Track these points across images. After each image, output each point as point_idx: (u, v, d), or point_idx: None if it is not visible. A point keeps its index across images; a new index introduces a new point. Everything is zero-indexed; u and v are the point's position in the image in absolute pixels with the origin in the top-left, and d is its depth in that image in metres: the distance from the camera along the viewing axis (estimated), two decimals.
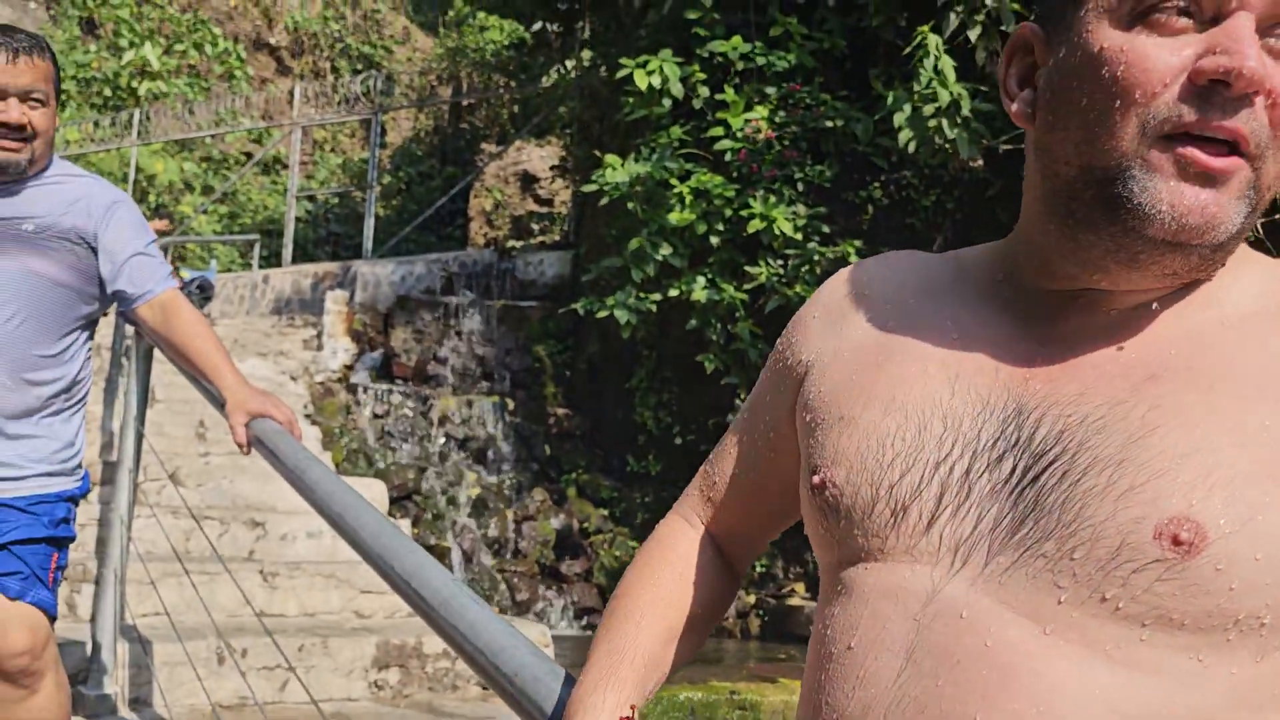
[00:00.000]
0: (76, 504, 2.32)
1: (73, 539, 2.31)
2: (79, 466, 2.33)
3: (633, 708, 0.85)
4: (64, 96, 17.05)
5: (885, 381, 0.79)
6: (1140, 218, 0.68)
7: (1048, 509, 0.68)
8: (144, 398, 3.30)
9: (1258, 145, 0.67)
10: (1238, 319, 0.71)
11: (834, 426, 0.80)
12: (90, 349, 2.39)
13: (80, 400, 2.34)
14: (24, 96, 2.10)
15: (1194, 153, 0.67)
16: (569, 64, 12.16)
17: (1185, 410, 0.67)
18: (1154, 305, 0.73)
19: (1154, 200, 0.67)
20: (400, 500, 8.36)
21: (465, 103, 16.75)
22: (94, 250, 2.27)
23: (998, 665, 0.66)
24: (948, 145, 7.04)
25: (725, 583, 1.01)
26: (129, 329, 4.84)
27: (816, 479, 0.80)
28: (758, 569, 8.15)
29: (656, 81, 7.90)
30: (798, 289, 7.62)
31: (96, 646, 3.32)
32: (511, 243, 13.77)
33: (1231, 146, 0.67)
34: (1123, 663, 0.65)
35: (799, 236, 7.65)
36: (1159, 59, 0.68)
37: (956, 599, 0.69)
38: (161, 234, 11.67)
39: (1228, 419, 0.66)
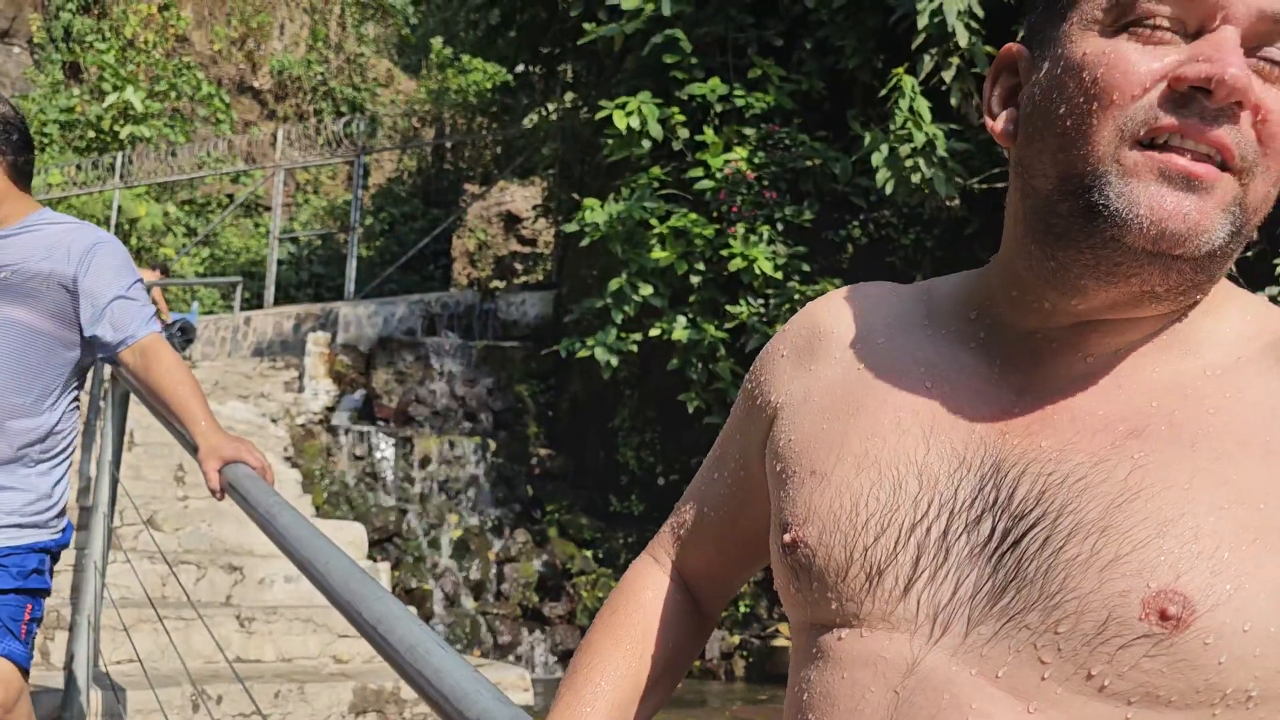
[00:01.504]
0: (54, 556, 2.28)
1: (47, 591, 2.26)
2: (57, 518, 2.29)
3: None
4: (46, 140, 17.07)
5: (857, 434, 0.76)
6: (1118, 225, 0.64)
7: (1030, 578, 0.65)
8: (120, 442, 3.29)
9: (1243, 160, 0.64)
10: (1220, 367, 0.68)
11: (805, 481, 0.77)
12: (75, 401, 2.36)
13: (61, 453, 2.31)
14: None
15: (1174, 156, 0.64)
16: (551, 106, 12.26)
17: (1168, 471, 0.64)
18: (1132, 351, 0.70)
19: (1131, 205, 0.64)
20: (381, 543, 8.30)
21: (448, 144, 16.85)
22: (74, 295, 2.25)
23: None
24: (924, 185, 7.12)
25: (694, 627, 0.98)
26: (106, 372, 4.82)
27: (788, 538, 0.76)
28: (741, 609, 8.11)
29: (635, 123, 7.98)
30: (778, 328, 7.64)
31: (69, 694, 3.27)
32: (495, 283, 13.80)
33: (1213, 159, 0.64)
34: None
35: (779, 275, 7.70)
36: (1139, 63, 0.65)
37: (937, 671, 0.66)
38: (152, 285, 11.64)
39: (1211, 479, 0.63)
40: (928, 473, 0.71)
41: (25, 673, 2.19)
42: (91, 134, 17.37)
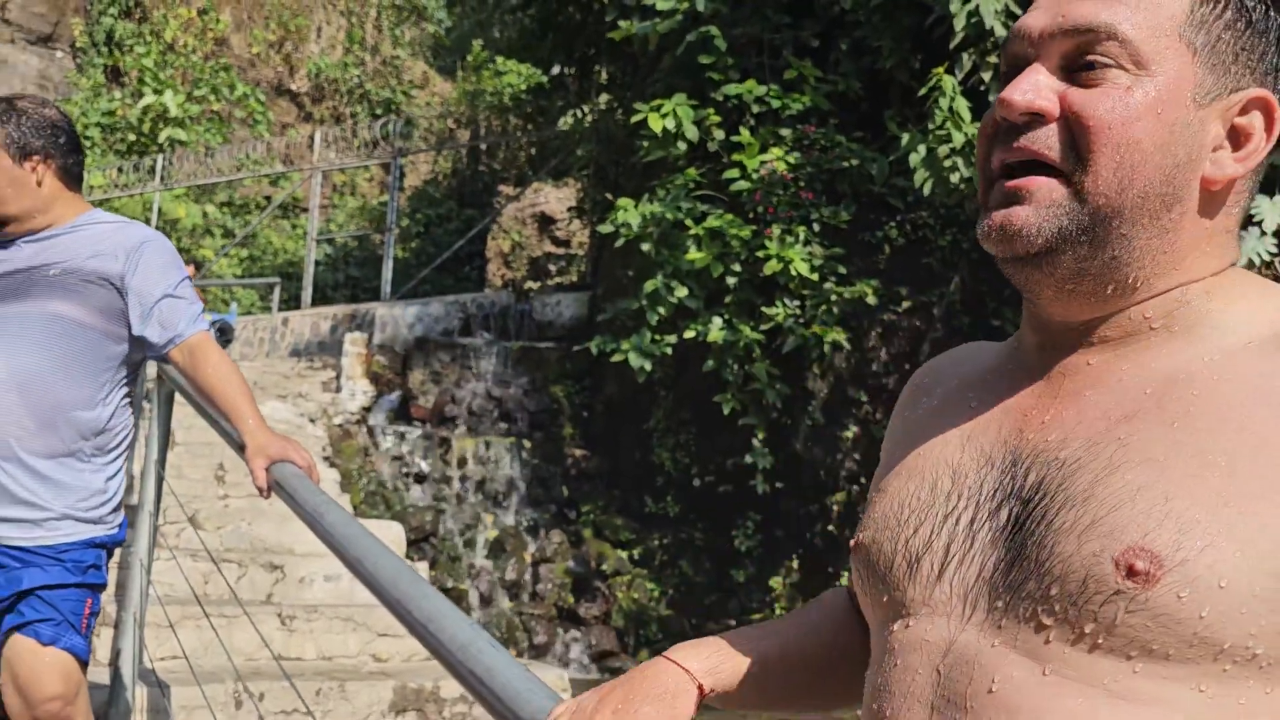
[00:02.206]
0: (109, 551, 2.31)
1: (104, 585, 2.30)
2: (113, 514, 2.32)
3: (701, 689, 0.94)
4: (88, 143, 17.32)
5: (913, 453, 0.86)
6: (985, 244, 0.78)
7: (1028, 552, 0.72)
8: (165, 441, 3.33)
9: (1063, 160, 0.74)
10: (1220, 353, 0.73)
11: (874, 499, 0.88)
12: (127, 396, 2.39)
13: (114, 449, 2.34)
14: None
15: (999, 184, 0.77)
16: (586, 107, 12.29)
17: (1147, 446, 0.70)
18: (1135, 347, 0.77)
19: (982, 226, 0.78)
20: (417, 542, 8.35)
21: (483, 146, 16.93)
22: (122, 293, 2.29)
23: (1005, 708, 0.70)
24: (963, 185, 7.07)
25: (849, 631, 1.02)
26: (150, 372, 4.86)
27: (853, 542, 0.87)
28: (778, 610, 8.08)
29: (670, 124, 7.97)
30: (815, 329, 7.62)
31: (115, 690, 3.31)
32: (529, 284, 13.84)
33: (1040, 167, 0.75)
34: (1122, 696, 0.66)
35: (815, 277, 7.67)
36: (987, 118, 0.79)
37: (969, 646, 0.73)
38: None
39: (1186, 450, 0.69)
40: (959, 471, 0.80)
41: (84, 666, 2.22)
42: (132, 137, 17.61)
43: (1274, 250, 6.03)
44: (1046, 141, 0.74)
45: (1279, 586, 0.64)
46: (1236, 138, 0.76)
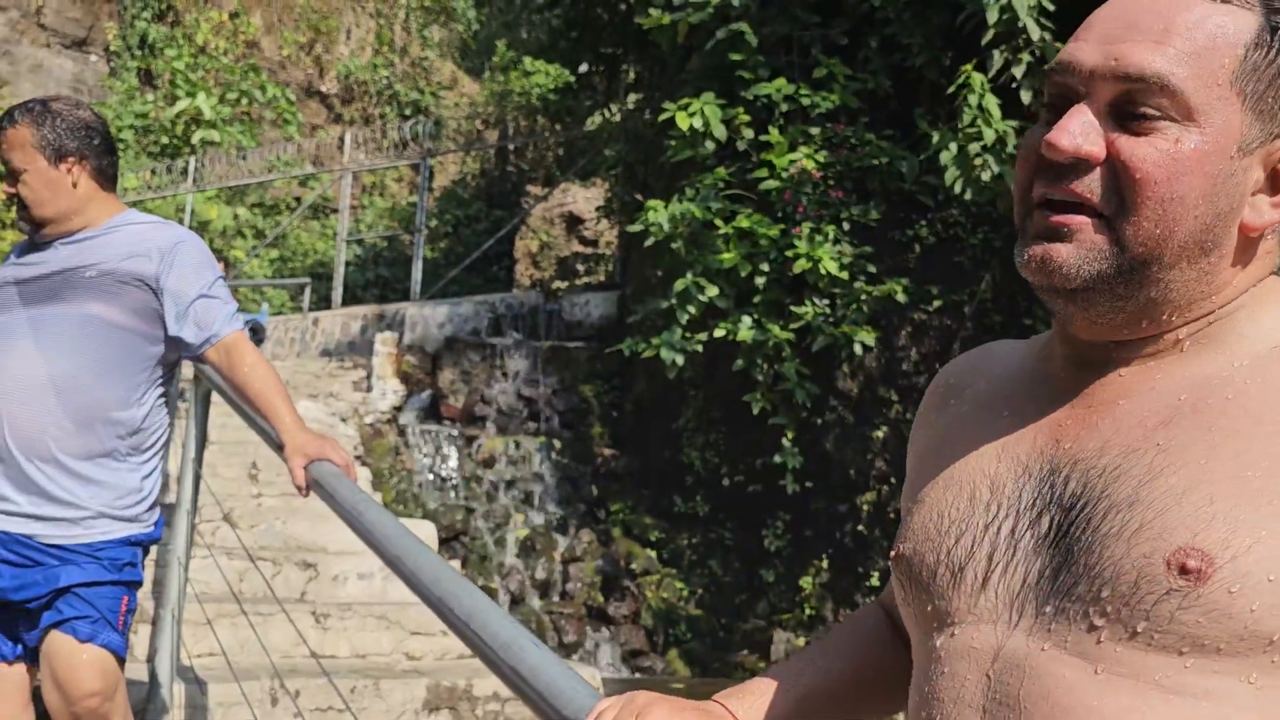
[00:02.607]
0: (145, 550, 2.33)
1: (139, 583, 2.32)
2: (149, 511, 2.33)
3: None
4: (122, 145, 17.51)
5: (948, 463, 0.88)
6: (1023, 271, 0.80)
7: (1076, 557, 0.74)
8: (202, 439, 3.36)
9: (1105, 204, 0.75)
10: (1250, 358, 0.76)
11: (911, 509, 0.90)
12: (163, 396, 2.40)
13: (152, 448, 2.34)
14: (9, 172, 2.26)
15: (1045, 212, 0.78)
16: (614, 107, 12.30)
17: (1187, 450, 0.72)
18: (1165, 357, 0.79)
19: (1021, 255, 0.80)
20: (448, 541, 8.39)
21: (511, 146, 16.98)
22: (157, 293, 2.29)
23: (1059, 707, 0.72)
24: (994, 183, 7.02)
25: (886, 646, 1.05)
26: (187, 372, 4.91)
27: (893, 554, 0.89)
28: (806, 611, 8.06)
29: (698, 123, 7.96)
30: (844, 328, 7.59)
31: (154, 686, 3.35)
32: (557, 284, 13.87)
33: (1082, 207, 0.76)
34: (1175, 691, 0.69)
35: (845, 276, 7.64)
36: (1029, 143, 0.80)
37: (1018, 650, 0.75)
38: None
39: (1225, 453, 0.71)
40: (998, 482, 0.82)
41: (122, 663, 2.25)
42: (165, 139, 17.79)
43: None
44: (1090, 185, 0.76)
45: None
46: (1276, 180, 0.77)
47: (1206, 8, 0.75)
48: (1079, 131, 0.75)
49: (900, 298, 7.60)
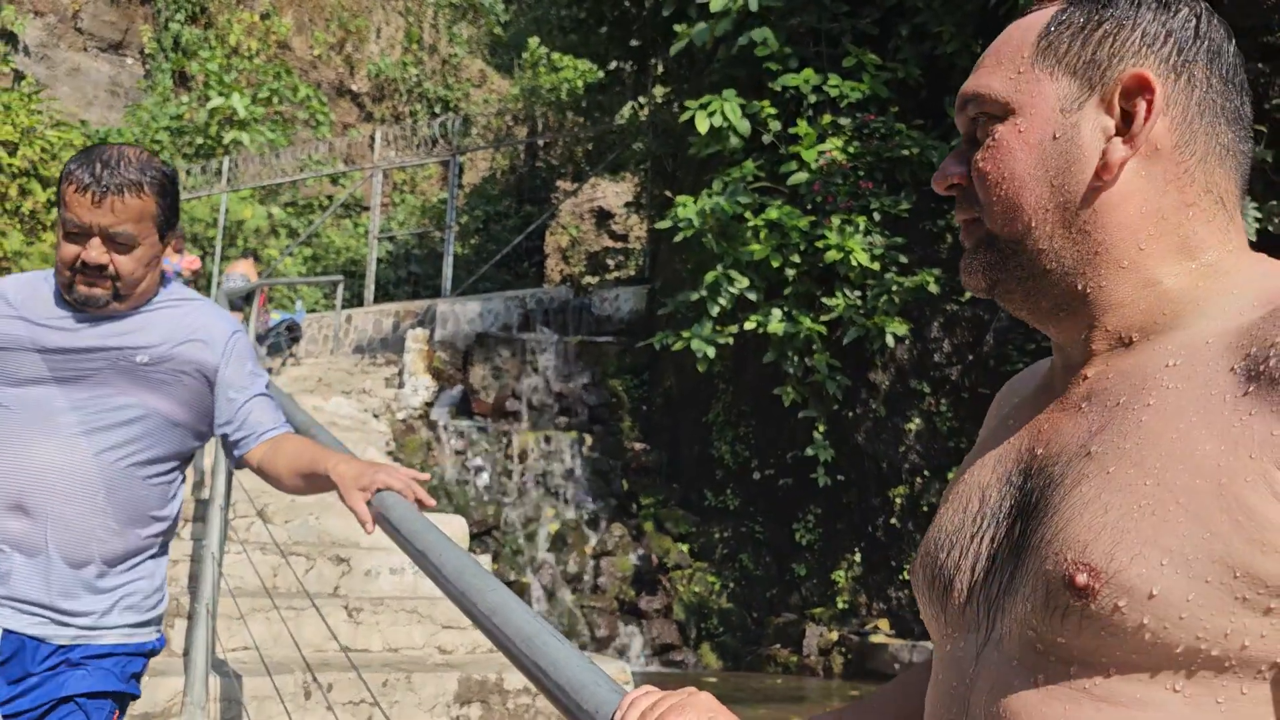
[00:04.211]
0: (148, 661, 2.11)
1: (137, 697, 2.10)
2: (161, 617, 2.14)
3: None
4: (158, 147, 17.72)
5: (961, 478, 0.89)
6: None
7: (1019, 565, 0.75)
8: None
9: (978, 211, 0.83)
10: (1184, 354, 0.73)
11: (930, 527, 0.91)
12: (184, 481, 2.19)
13: (170, 541, 2.16)
14: (107, 237, 1.93)
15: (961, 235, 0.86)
16: (642, 101, 12.28)
17: (1107, 455, 0.71)
18: (1127, 357, 0.77)
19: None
20: (480, 536, 8.43)
21: (540, 142, 17.01)
22: (212, 386, 2.09)
23: (1009, 717, 0.72)
24: None
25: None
26: None
27: (909, 569, 0.90)
28: (840, 605, 8.03)
29: (718, 122, 7.93)
30: (876, 319, 7.54)
31: (190, 680, 3.39)
32: (587, 279, 13.89)
33: (976, 221, 0.84)
34: (1107, 700, 0.68)
35: (876, 267, 7.59)
36: None
37: (989, 659, 0.76)
38: (259, 285, 12.01)
39: (1128, 460, 0.70)
40: (986, 492, 0.82)
41: None
42: (199, 140, 17.99)
43: None
44: (966, 202, 0.84)
45: (1213, 592, 0.64)
46: (1132, 121, 0.78)
47: (1017, 22, 0.84)
48: (940, 169, 0.86)
49: (932, 288, 7.54)
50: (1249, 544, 0.64)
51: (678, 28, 8.57)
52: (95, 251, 1.92)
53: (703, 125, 7.91)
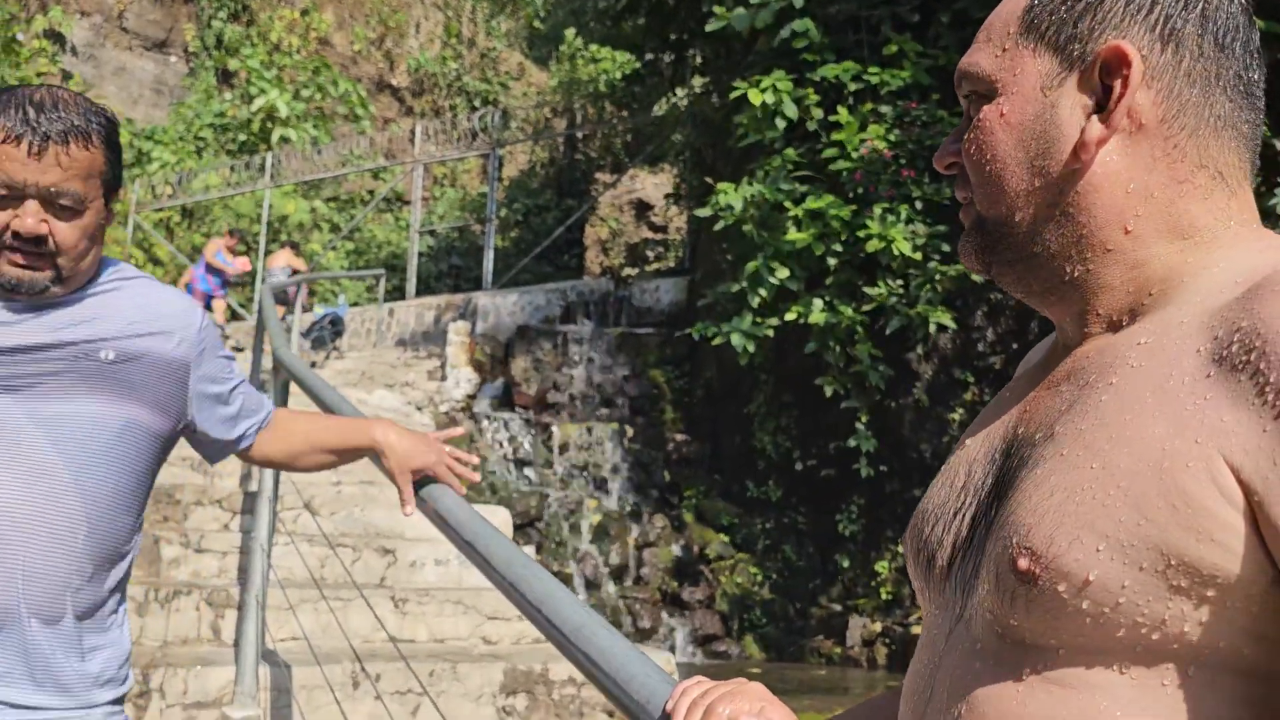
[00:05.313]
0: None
1: None
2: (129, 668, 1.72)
3: None
4: (202, 144, 17.97)
5: (956, 451, 0.87)
6: None
7: (985, 545, 0.74)
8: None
9: (971, 193, 0.81)
10: (1156, 332, 0.70)
11: None
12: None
13: (127, 585, 1.73)
14: (48, 199, 1.49)
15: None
16: (680, 91, 12.25)
17: (1063, 436, 0.70)
18: (1108, 334, 0.76)
19: None
20: (523, 527, 8.48)
21: (579, 134, 17.03)
22: (184, 383, 1.68)
23: (965, 696, 0.71)
24: None
25: None
26: (266, 363, 5.00)
27: (901, 540, 0.89)
28: (883, 595, 7.98)
29: (770, 99, 7.89)
30: (919, 309, 7.48)
31: (240, 669, 3.45)
32: (627, 270, 13.90)
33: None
34: (1058, 683, 0.67)
35: (918, 256, 7.52)
36: None
37: (957, 638, 0.75)
38: (296, 271, 12.14)
39: (1080, 440, 0.68)
40: (973, 468, 0.81)
41: None
42: (243, 136, 18.20)
43: None
44: (963, 183, 0.83)
45: (1148, 579, 0.63)
46: (1104, 97, 0.75)
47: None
48: (944, 146, 0.84)
49: (976, 277, 7.46)
50: (1185, 531, 0.62)
51: (717, 9, 8.53)
52: (32, 219, 1.47)
53: (756, 100, 7.86)
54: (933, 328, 7.49)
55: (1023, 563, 0.66)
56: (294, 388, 3.55)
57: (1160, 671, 0.64)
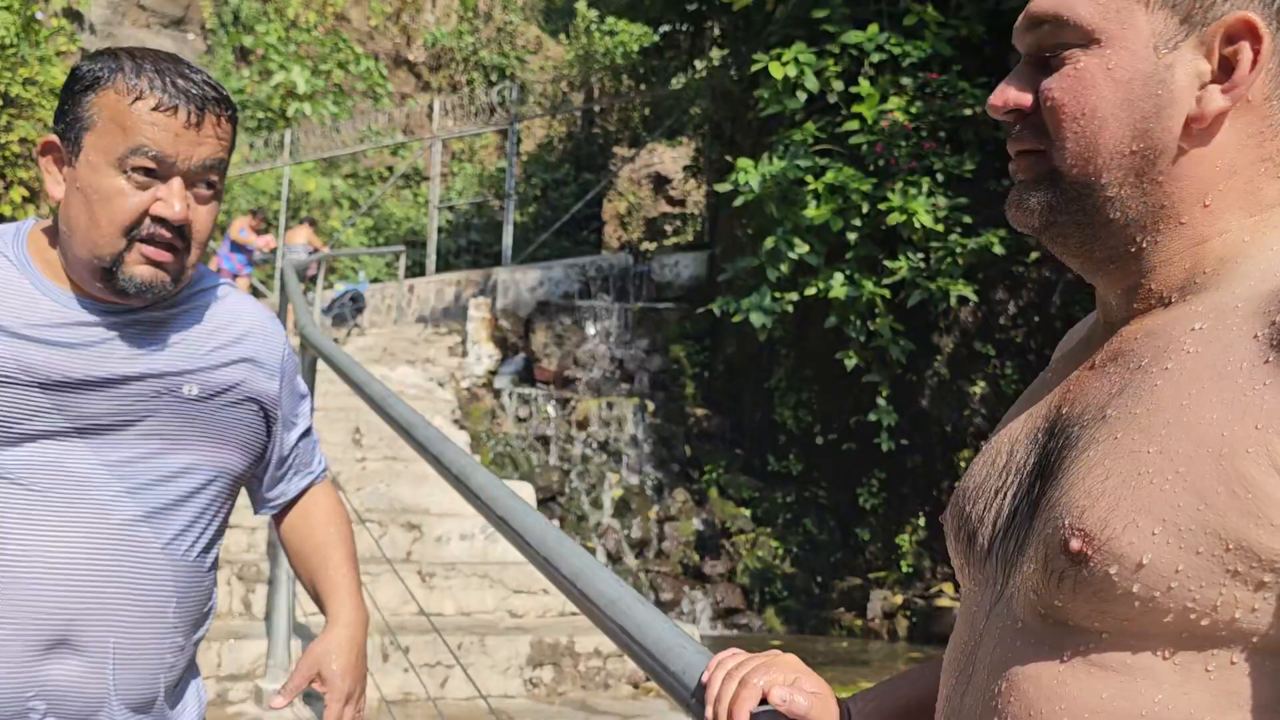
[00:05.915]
0: None
1: None
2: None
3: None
4: None
5: (999, 430, 0.87)
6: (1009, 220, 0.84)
7: (1030, 525, 0.74)
8: (311, 406, 3.46)
9: (1043, 142, 0.78)
10: (1213, 315, 0.70)
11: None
12: None
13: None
14: (193, 179, 1.27)
15: (1011, 166, 0.84)
16: (698, 64, 12.18)
17: (1119, 420, 0.70)
18: (1158, 315, 0.75)
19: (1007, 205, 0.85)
20: (546, 502, 8.54)
21: (597, 108, 16.97)
22: (269, 421, 1.46)
23: (1005, 674, 0.72)
24: None
25: None
26: (294, 342, 5.04)
27: (941, 517, 0.90)
28: (904, 568, 8.01)
29: (792, 71, 7.84)
30: (940, 282, 7.46)
31: (272, 643, 3.50)
32: (645, 245, 13.88)
33: (1033, 152, 0.81)
34: (1099, 665, 0.68)
35: (940, 228, 7.49)
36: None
37: (998, 616, 0.75)
38: (316, 249, 12.18)
39: (1135, 425, 0.68)
40: (1016, 448, 0.81)
41: None
42: (262, 113, 18.22)
43: None
44: (1031, 131, 0.79)
45: (1204, 564, 0.63)
46: (1231, 69, 0.72)
47: None
48: (1000, 90, 0.80)
49: (997, 250, 7.43)
50: (1244, 517, 0.62)
51: None
52: (180, 201, 1.25)
53: (778, 73, 7.82)
54: (954, 301, 7.47)
55: (1075, 544, 0.67)
56: (320, 365, 3.59)
57: (1206, 657, 0.65)
